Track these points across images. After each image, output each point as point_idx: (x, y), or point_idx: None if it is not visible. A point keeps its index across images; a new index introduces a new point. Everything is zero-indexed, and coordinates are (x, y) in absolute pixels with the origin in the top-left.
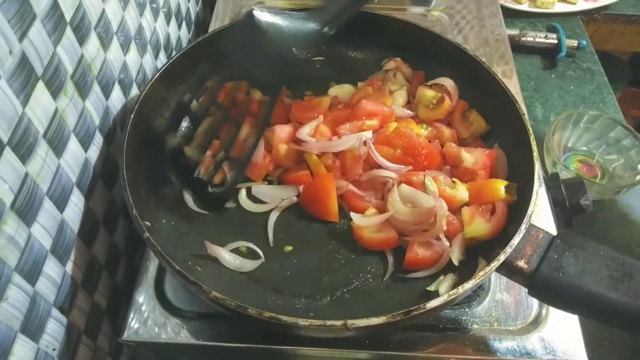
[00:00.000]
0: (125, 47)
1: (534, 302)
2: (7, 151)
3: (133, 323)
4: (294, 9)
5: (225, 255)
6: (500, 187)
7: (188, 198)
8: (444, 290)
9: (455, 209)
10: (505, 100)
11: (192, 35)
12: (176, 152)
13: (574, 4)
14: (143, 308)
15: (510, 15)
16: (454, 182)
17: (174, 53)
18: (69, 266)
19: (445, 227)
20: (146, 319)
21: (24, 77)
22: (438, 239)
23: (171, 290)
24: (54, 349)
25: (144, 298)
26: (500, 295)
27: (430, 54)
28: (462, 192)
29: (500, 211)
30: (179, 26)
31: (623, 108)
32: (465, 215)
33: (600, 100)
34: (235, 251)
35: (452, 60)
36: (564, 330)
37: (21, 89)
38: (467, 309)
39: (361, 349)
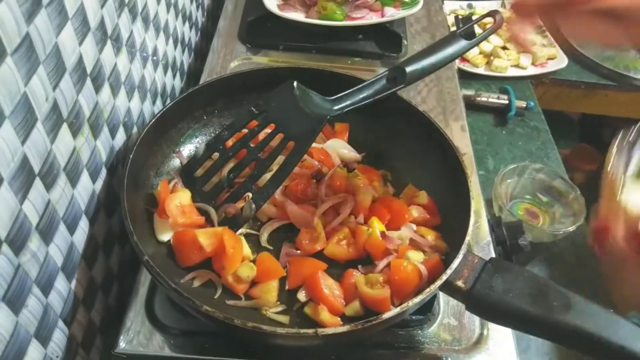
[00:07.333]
0: (130, 95)
1: (476, 326)
2: (37, 181)
3: (126, 337)
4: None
5: None
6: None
7: None
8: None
9: None
10: (445, 144)
11: (184, 85)
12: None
13: (525, 69)
14: (135, 324)
15: (468, 77)
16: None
17: (168, 100)
18: (74, 283)
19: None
20: (137, 333)
21: (54, 120)
22: None
23: (160, 310)
24: (57, 357)
25: (135, 315)
26: (448, 320)
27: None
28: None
29: None
30: (174, 76)
31: (575, 162)
32: None
33: (545, 155)
34: None
35: (405, 117)
36: (501, 350)
37: (51, 129)
38: (419, 331)
39: None
